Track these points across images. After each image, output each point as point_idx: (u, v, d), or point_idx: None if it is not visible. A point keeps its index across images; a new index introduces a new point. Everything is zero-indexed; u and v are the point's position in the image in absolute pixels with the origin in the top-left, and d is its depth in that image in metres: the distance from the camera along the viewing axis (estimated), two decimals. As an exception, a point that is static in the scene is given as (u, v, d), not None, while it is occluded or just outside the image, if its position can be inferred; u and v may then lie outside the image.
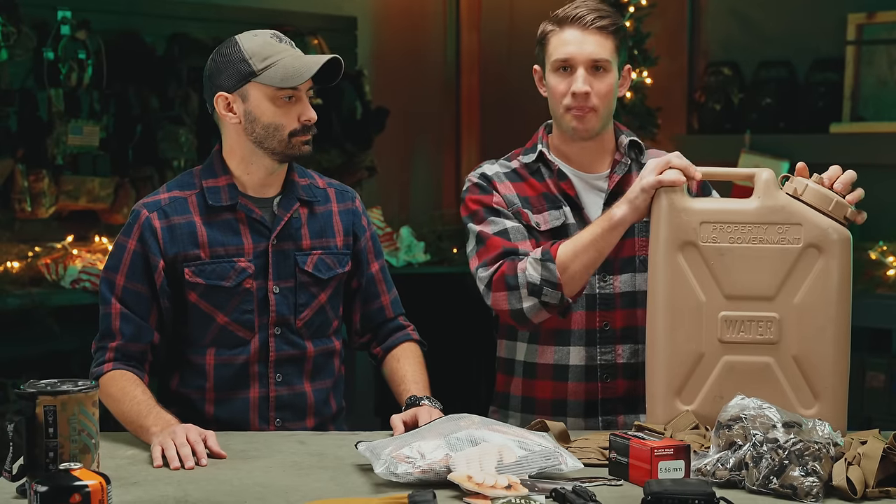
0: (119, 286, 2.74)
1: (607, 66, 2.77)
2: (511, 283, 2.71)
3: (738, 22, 6.11)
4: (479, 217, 2.82)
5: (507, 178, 2.86)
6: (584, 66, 2.75)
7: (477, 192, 2.85)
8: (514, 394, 2.89)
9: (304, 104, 2.73)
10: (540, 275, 2.69)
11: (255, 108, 2.72)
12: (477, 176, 2.87)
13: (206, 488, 2.27)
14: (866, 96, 5.65)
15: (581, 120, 2.77)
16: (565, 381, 2.83)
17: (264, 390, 2.78)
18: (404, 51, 6.54)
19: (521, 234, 2.79)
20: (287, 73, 2.69)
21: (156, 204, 2.78)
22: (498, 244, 2.77)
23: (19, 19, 4.69)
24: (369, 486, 2.28)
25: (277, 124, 2.72)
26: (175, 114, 5.30)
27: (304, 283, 2.80)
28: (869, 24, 5.64)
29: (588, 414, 2.83)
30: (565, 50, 2.76)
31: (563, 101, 2.77)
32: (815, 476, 2.20)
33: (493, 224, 2.80)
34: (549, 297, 2.69)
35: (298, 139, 2.73)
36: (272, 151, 2.74)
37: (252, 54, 2.70)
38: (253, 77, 2.70)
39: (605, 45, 2.76)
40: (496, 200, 2.82)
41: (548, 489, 2.19)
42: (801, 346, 2.58)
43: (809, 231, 2.57)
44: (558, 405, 2.83)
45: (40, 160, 4.86)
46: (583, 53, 2.75)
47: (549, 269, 2.68)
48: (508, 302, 2.72)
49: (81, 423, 2.17)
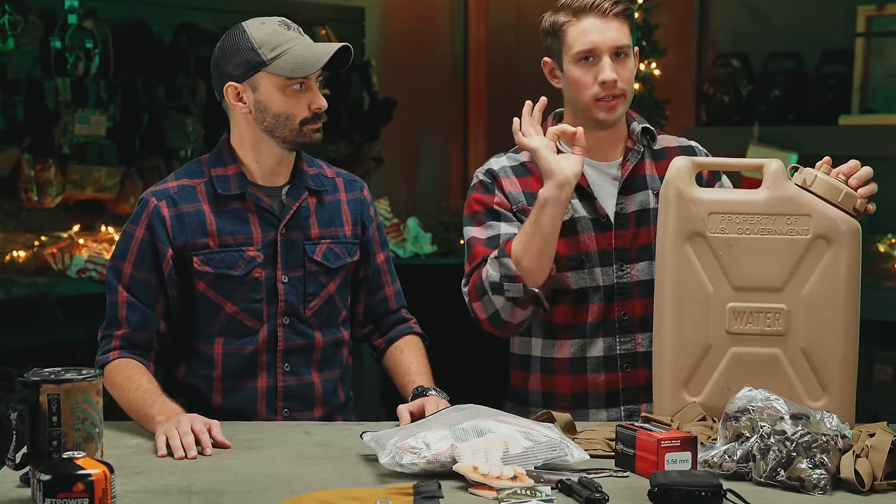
0: (126, 274, 2.74)
1: (628, 52, 2.76)
2: (480, 291, 2.72)
3: (747, 13, 6.09)
4: (478, 219, 2.82)
5: (513, 173, 2.84)
6: (609, 54, 2.74)
7: (481, 191, 2.84)
8: (532, 389, 2.87)
9: (313, 92, 2.72)
10: (498, 272, 2.68)
11: (265, 97, 2.71)
12: (483, 172, 2.86)
13: (211, 478, 2.27)
14: (875, 88, 5.63)
15: (611, 110, 2.76)
16: (584, 374, 2.81)
17: (272, 380, 2.77)
18: (412, 41, 6.53)
19: (511, 237, 2.76)
20: (297, 62, 2.68)
21: (164, 192, 2.77)
22: (478, 254, 2.77)
23: (27, 8, 4.69)
24: (374, 476, 2.28)
25: (288, 113, 2.71)
26: (182, 103, 5.30)
27: (313, 272, 2.79)
28: (878, 16, 5.62)
29: (610, 404, 2.81)
30: (588, 39, 2.74)
31: (590, 91, 2.75)
32: (823, 468, 2.19)
33: (489, 228, 2.79)
34: (512, 291, 2.68)
35: (309, 127, 2.72)
36: (283, 140, 2.73)
37: (261, 43, 2.68)
38: (262, 67, 2.68)
39: (623, 30, 2.75)
40: (497, 201, 2.81)
41: (553, 480, 2.18)
42: (809, 337, 2.56)
43: (818, 222, 2.56)
44: (579, 398, 2.81)
45: (47, 149, 4.87)
46: (606, 41, 2.73)
47: (504, 265, 2.68)
48: (484, 309, 2.73)
49: (85, 411, 2.16)
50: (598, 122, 2.77)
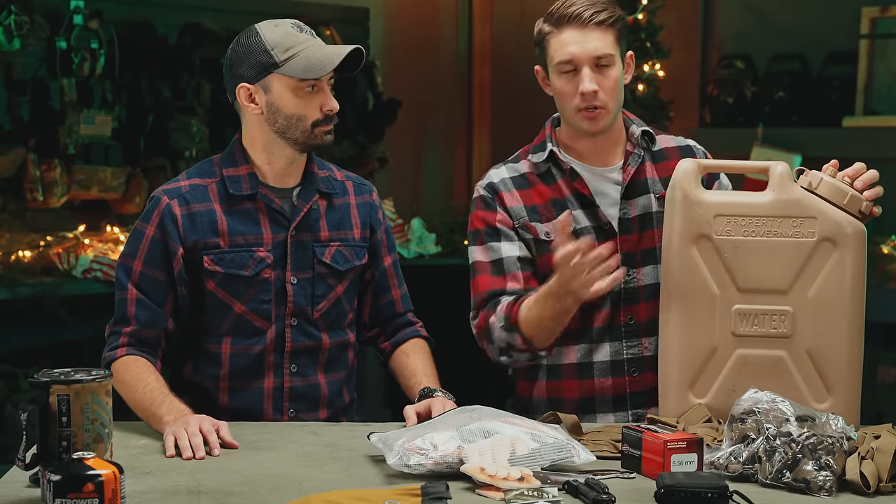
0: (136, 272, 2.74)
1: (611, 61, 2.73)
2: (488, 338, 2.76)
3: (752, 15, 6.09)
4: (480, 238, 2.82)
5: (514, 186, 2.83)
6: (589, 65, 2.72)
7: (482, 207, 2.83)
8: (538, 397, 2.86)
9: (325, 94, 2.73)
10: (506, 341, 2.72)
11: (277, 99, 2.71)
12: (483, 187, 2.85)
13: (219, 478, 2.28)
14: (879, 90, 5.62)
15: (593, 121, 2.75)
16: (591, 379, 2.81)
17: (279, 380, 2.78)
18: (416, 42, 6.53)
19: (514, 266, 2.78)
20: (310, 64, 2.68)
21: (176, 191, 2.78)
22: (484, 286, 2.78)
23: (32, 9, 4.69)
24: (382, 477, 2.28)
25: (300, 115, 2.71)
26: (187, 104, 5.30)
27: (322, 274, 2.80)
28: (882, 18, 5.62)
29: (617, 409, 2.81)
30: (567, 51, 2.72)
31: (573, 101, 2.74)
32: (829, 470, 2.19)
33: (491, 251, 2.80)
34: (517, 357, 2.74)
35: (321, 129, 2.73)
36: (294, 141, 2.74)
37: (274, 45, 2.69)
38: (275, 68, 2.69)
39: (606, 39, 2.72)
40: (500, 219, 2.81)
41: (560, 481, 2.19)
42: (814, 340, 2.57)
43: (824, 225, 2.56)
44: (586, 403, 2.81)
45: (52, 150, 4.87)
46: (585, 52, 2.71)
47: (513, 337, 2.71)
48: (491, 354, 2.79)
49: (95, 412, 2.17)
50: (585, 132, 2.77)
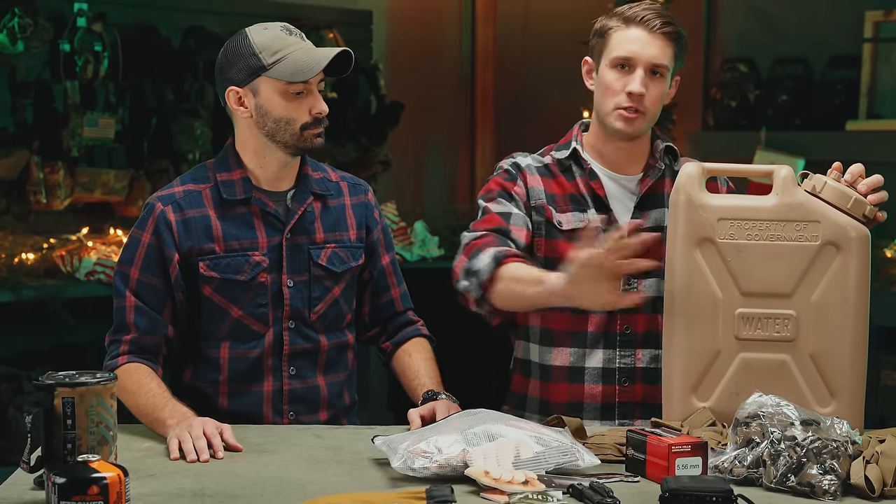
0: (133, 279, 2.75)
1: (664, 72, 2.77)
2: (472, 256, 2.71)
3: (755, 18, 6.09)
4: (491, 195, 2.82)
5: (537, 172, 2.85)
6: (644, 68, 2.75)
7: (504, 176, 2.85)
8: (531, 395, 2.87)
9: (314, 97, 2.73)
10: (487, 267, 2.66)
11: (265, 102, 2.72)
12: (509, 164, 2.87)
13: (223, 481, 2.28)
14: (883, 93, 5.63)
15: (629, 122, 2.76)
16: (581, 384, 2.81)
17: (278, 383, 2.78)
18: (419, 45, 6.53)
19: (522, 222, 2.78)
20: (297, 67, 2.69)
21: (170, 197, 2.78)
22: (496, 220, 2.77)
23: (36, 11, 4.69)
24: (386, 480, 2.28)
25: (289, 118, 2.72)
26: (190, 107, 5.30)
27: (318, 276, 2.80)
28: (886, 22, 5.62)
29: (604, 417, 2.81)
30: (628, 48, 2.75)
31: (615, 98, 2.76)
32: (833, 474, 2.19)
33: (501, 205, 2.80)
34: (473, 291, 2.69)
35: (310, 132, 2.73)
36: (284, 144, 2.74)
37: (262, 48, 2.69)
38: (263, 71, 2.69)
39: (666, 50, 2.76)
40: (517, 191, 2.82)
41: (565, 485, 2.19)
42: (818, 343, 2.57)
43: (827, 228, 2.56)
44: (574, 407, 2.81)
45: (56, 152, 4.87)
46: (645, 54, 2.74)
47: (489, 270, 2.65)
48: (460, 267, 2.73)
49: (100, 415, 2.17)
50: (616, 131, 2.78)
